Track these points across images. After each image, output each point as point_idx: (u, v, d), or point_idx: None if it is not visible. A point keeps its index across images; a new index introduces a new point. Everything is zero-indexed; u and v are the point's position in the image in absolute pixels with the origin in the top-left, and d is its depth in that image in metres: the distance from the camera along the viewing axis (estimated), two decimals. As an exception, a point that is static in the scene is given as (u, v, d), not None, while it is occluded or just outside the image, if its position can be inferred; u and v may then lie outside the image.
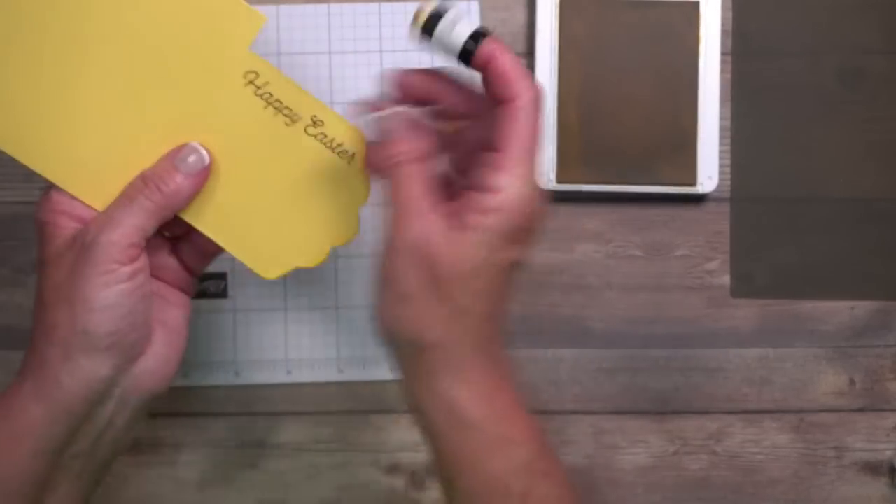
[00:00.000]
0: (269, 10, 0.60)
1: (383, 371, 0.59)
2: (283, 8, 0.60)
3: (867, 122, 0.60)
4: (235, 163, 0.44)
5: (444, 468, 0.41)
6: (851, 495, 0.61)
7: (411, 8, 0.59)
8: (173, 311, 0.46)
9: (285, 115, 0.44)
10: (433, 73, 0.43)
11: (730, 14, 0.60)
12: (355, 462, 0.60)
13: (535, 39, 0.59)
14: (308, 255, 0.46)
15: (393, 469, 0.60)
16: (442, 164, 0.42)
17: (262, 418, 0.60)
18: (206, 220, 0.45)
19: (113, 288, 0.41)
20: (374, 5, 0.60)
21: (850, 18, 0.61)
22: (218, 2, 0.43)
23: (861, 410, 0.61)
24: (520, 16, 0.60)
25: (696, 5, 0.59)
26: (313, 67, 0.60)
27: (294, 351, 0.59)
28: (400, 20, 0.60)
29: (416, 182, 0.40)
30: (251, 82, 0.44)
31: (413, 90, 0.42)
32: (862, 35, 0.61)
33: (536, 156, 0.39)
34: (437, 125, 0.42)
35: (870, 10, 0.60)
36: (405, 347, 0.41)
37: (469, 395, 0.40)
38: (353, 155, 0.45)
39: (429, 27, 0.41)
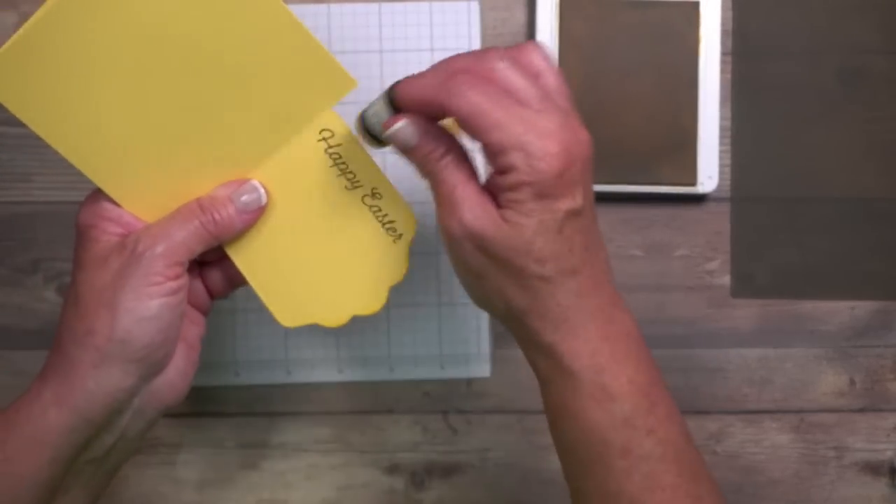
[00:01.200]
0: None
1: (383, 371, 0.59)
2: (283, 8, 0.60)
3: (867, 122, 0.60)
4: (288, 209, 0.45)
5: (550, 415, 0.42)
6: (851, 495, 0.61)
7: (412, 8, 0.59)
8: (193, 328, 0.46)
9: (348, 179, 0.45)
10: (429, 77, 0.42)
11: (730, 14, 0.60)
12: (355, 462, 0.60)
13: (535, 39, 0.59)
14: (331, 316, 0.47)
15: (393, 469, 0.60)
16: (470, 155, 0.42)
17: (262, 418, 0.60)
18: (244, 256, 0.45)
19: (157, 300, 0.41)
20: (374, 5, 0.60)
21: (850, 18, 0.61)
22: (315, 57, 0.43)
23: (861, 410, 0.61)
24: (520, 16, 0.60)
25: (696, 5, 0.59)
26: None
27: (294, 351, 0.59)
28: (400, 20, 0.60)
29: (452, 175, 0.40)
30: (325, 139, 0.45)
31: (415, 104, 0.42)
32: (862, 35, 0.61)
33: (522, 110, 0.38)
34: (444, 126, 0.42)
35: (870, 10, 0.60)
36: (504, 319, 0.42)
37: (569, 346, 0.40)
38: (401, 235, 0.46)
39: (365, 125, 0.43)
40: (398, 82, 0.41)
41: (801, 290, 0.61)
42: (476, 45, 0.60)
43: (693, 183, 0.59)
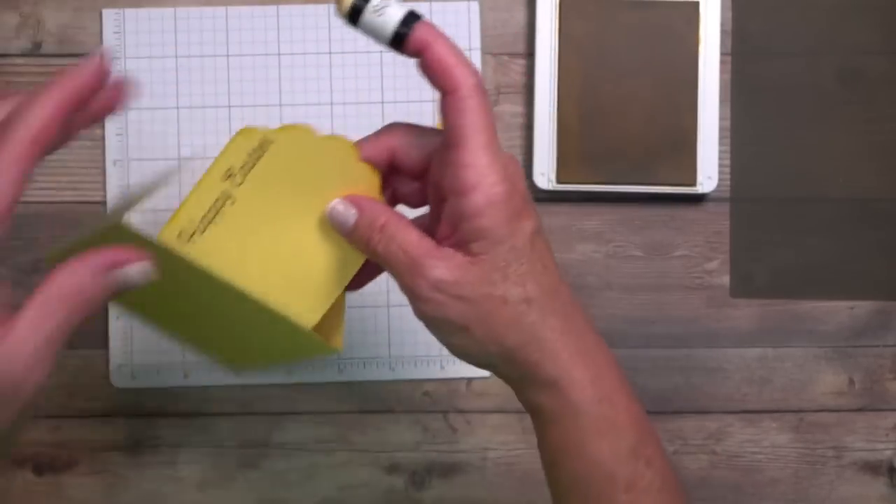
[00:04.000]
0: (269, 10, 0.60)
1: (383, 371, 0.60)
2: (283, 8, 0.60)
3: (867, 122, 0.60)
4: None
5: (550, 453, 0.41)
6: (851, 495, 0.61)
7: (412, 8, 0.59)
8: None
9: None
10: (385, 134, 0.42)
11: (730, 14, 0.60)
12: (355, 462, 0.60)
13: (535, 39, 0.59)
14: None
15: (393, 469, 0.60)
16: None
17: (262, 418, 0.60)
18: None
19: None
20: (375, 5, 0.60)
21: (850, 18, 0.61)
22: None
23: (860, 410, 0.61)
24: (520, 16, 0.60)
25: (696, 5, 0.59)
26: (313, 67, 0.60)
27: (294, 351, 0.60)
28: (400, 20, 0.60)
29: (400, 241, 0.39)
30: None
31: (372, 159, 0.42)
32: (862, 35, 0.61)
33: (494, 134, 0.38)
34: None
35: (870, 10, 0.60)
36: (502, 365, 0.40)
37: (571, 378, 0.39)
38: None
39: (354, 13, 0.38)
40: (418, 18, 0.38)
41: (801, 290, 0.61)
42: (476, 45, 0.60)
43: (693, 183, 0.59)
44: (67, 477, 0.60)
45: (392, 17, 0.38)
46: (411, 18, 0.38)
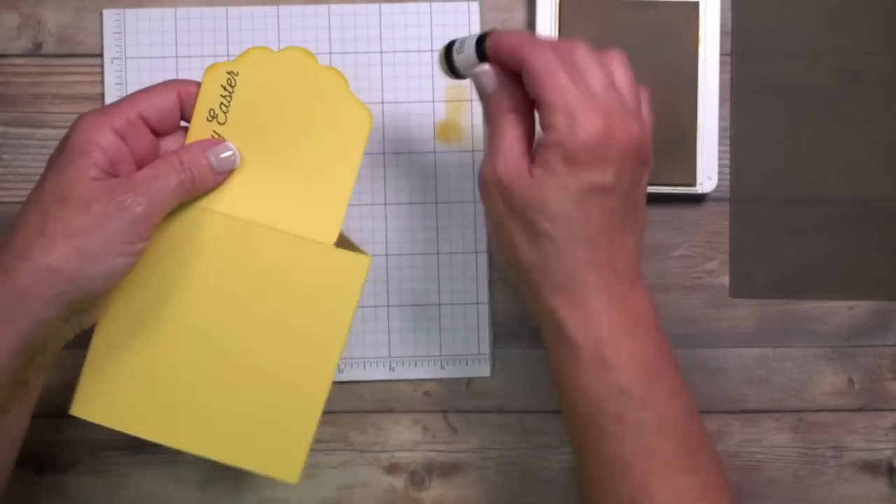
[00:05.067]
0: (270, 10, 0.60)
1: (383, 371, 0.60)
2: (283, 8, 0.60)
3: (867, 123, 0.60)
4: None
5: (553, 377, 0.45)
6: (850, 495, 0.61)
7: (412, 8, 0.60)
8: None
9: None
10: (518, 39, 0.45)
11: (730, 14, 0.60)
12: (355, 462, 0.60)
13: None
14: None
15: (393, 469, 0.61)
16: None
17: (263, 418, 0.60)
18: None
19: (126, 258, 0.42)
20: (374, 5, 0.60)
21: (850, 18, 0.61)
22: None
23: (860, 410, 0.61)
24: (520, 16, 0.61)
25: (696, 5, 0.59)
26: (313, 68, 0.60)
27: (294, 351, 0.60)
28: (400, 20, 0.60)
29: (507, 129, 0.44)
30: None
31: (500, 53, 0.45)
32: (862, 35, 0.61)
33: (586, 88, 0.42)
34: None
35: (870, 10, 0.60)
36: (512, 269, 0.45)
37: (569, 314, 0.43)
38: None
39: (448, 58, 0.47)
40: (491, 31, 0.45)
41: (800, 290, 0.61)
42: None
43: (692, 183, 0.59)
44: (68, 477, 0.60)
45: (466, 46, 0.46)
46: (483, 36, 0.45)
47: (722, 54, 0.59)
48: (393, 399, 0.60)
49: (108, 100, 0.59)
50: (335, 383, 0.60)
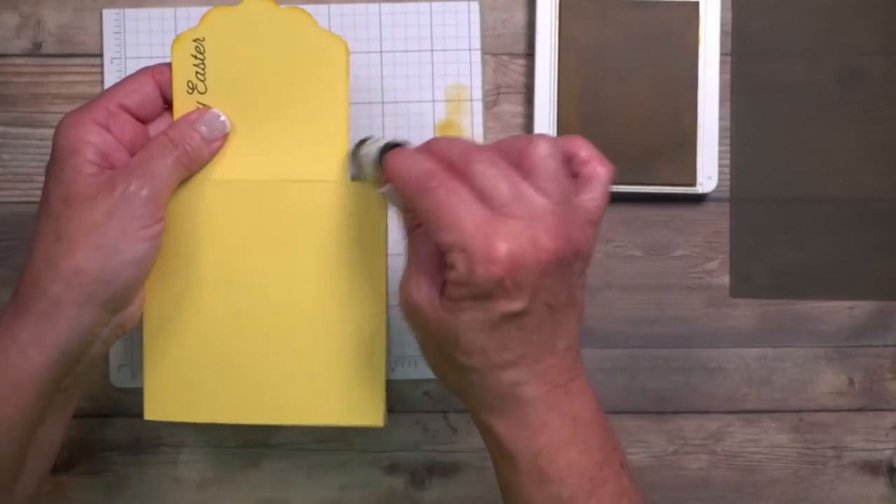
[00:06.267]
0: (270, 10, 0.60)
1: (383, 371, 0.60)
2: (284, 8, 0.60)
3: (867, 122, 0.60)
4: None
5: (499, 487, 0.43)
6: (850, 495, 0.61)
7: (412, 8, 0.59)
8: None
9: None
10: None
11: (730, 14, 0.60)
12: (355, 462, 0.60)
13: (535, 40, 0.59)
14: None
15: (393, 469, 0.60)
16: None
17: (263, 418, 0.60)
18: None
19: (146, 243, 0.42)
20: (374, 5, 0.60)
21: (850, 18, 0.61)
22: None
23: (860, 410, 0.61)
24: (520, 16, 0.60)
25: (696, 5, 0.59)
26: (313, 67, 0.60)
27: (294, 351, 0.60)
28: (400, 20, 0.60)
29: (419, 247, 0.41)
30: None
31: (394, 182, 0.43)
32: (862, 35, 0.61)
33: (483, 211, 0.38)
34: None
35: (870, 10, 0.60)
36: (447, 389, 0.43)
37: (504, 429, 0.41)
38: None
39: (357, 164, 0.45)
40: (394, 148, 0.41)
41: (800, 290, 0.61)
42: (476, 45, 0.60)
43: (692, 183, 0.59)
44: (67, 477, 0.60)
45: (371, 153, 0.43)
46: (384, 149, 0.42)
47: (722, 54, 0.59)
48: (393, 399, 0.60)
49: (108, 100, 0.59)
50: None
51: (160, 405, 0.46)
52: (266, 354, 0.45)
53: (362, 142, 0.45)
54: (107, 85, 0.59)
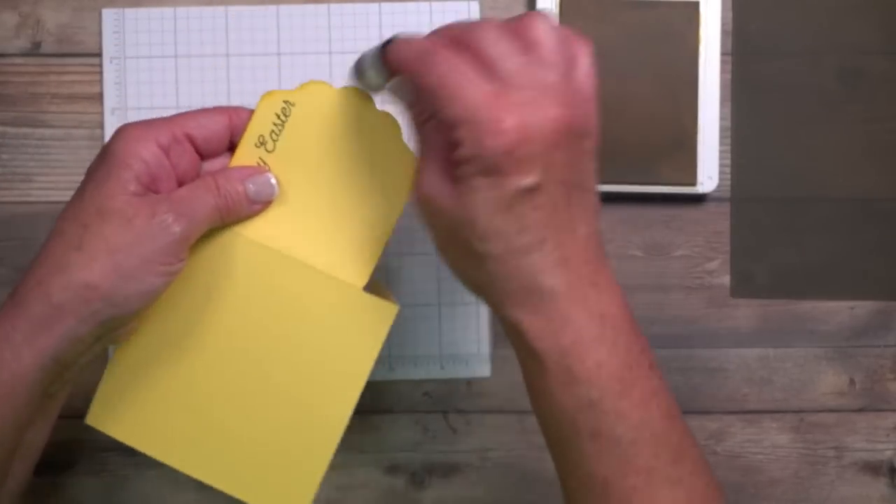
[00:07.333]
0: (270, 10, 0.60)
1: (383, 371, 0.59)
2: (283, 8, 0.60)
3: (867, 122, 0.60)
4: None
5: (527, 389, 0.42)
6: (851, 495, 0.61)
7: (412, 8, 0.59)
8: None
9: None
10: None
11: (730, 14, 0.60)
12: (355, 462, 0.60)
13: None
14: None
15: (393, 469, 0.60)
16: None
17: (262, 418, 0.60)
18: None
19: (162, 279, 0.42)
20: (375, 5, 0.60)
21: (850, 18, 0.61)
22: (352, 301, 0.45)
23: (861, 410, 0.61)
24: (520, 16, 0.60)
25: (696, 5, 0.59)
26: (313, 67, 0.60)
27: (294, 351, 0.59)
28: (400, 20, 0.60)
29: (429, 140, 0.40)
30: None
31: (397, 69, 0.42)
32: (862, 35, 0.61)
33: (489, 84, 0.37)
34: None
35: (870, 10, 0.60)
36: (466, 288, 0.42)
37: (531, 325, 0.39)
38: None
39: (361, 75, 0.43)
40: (393, 40, 0.40)
41: (801, 289, 0.61)
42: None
43: (693, 183, 0.59)
44: (67, 477, 0.60)
45: (374, 59, 0.42)
46: (383, 47, 0.41)
47: (722, 54, 0.59)
48: (393, 399, 0.60)
49: (108, 100, 0.59)
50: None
51: (107, 416, 0.45)
52: (222, 413, 0.45)
53: (361, 57, 0.43)
54: (106, 85, 0.59)
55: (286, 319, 0.45)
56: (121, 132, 0.43)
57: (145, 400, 0.45)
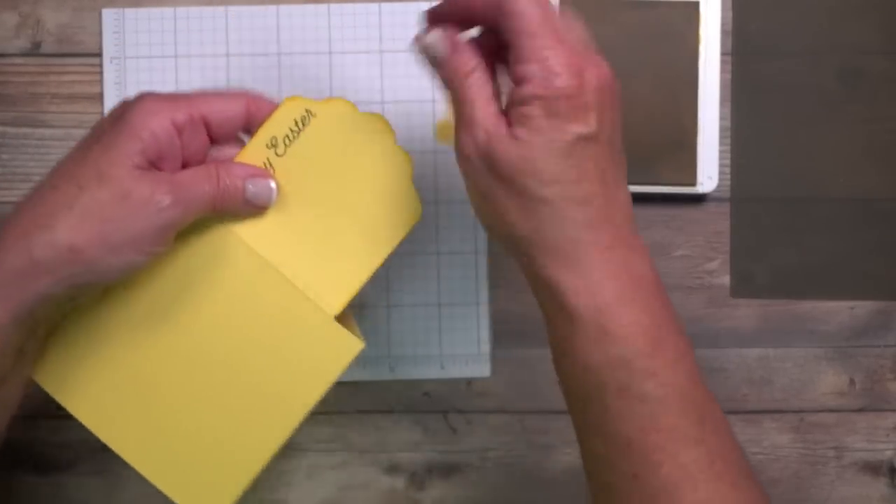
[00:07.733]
0: (270, 9, 0.60)
1: (383, 371, 0.60)
2: (283, 8, 0.60)
3: (867, 122, 0.60)
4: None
5: (552, 350, 0.42)
6: (851, 495, 0.61)
7: (412, 8, 0.59)
8: None
9: None
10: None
11: (730, 14, 0.60)
12: (355, 462, 0.60)
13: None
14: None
15: (393, 469, 0.60)
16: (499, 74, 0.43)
17: (263, 418, 0.60)
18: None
19: (144, 258, 0.42)
20: (375, 5, 0.60)
21: (850, 18, 0.61)
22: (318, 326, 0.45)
23: (861, 410, 0.61)
24: (520, 16, 0.60)
25: (696, 5, 0.59)
26: (313, 67, 0.60)
27: (294, 351, 0.59)
28: (400, 20, 0.60)
29: (474, 93, 0.41)
30: None
31: (446, 18, 0.43)
32: (862, 35, 0.61)
33: (553, 30, 0.39)
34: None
35: (870, 10, 0.60)
36: (504, 242, 0.42)
37: (569, 283, 0.40)
38: None
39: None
40: None
41: (801, 290, 0.61)
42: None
43: (693, 183, 0.59)
44: (68, 477, 0.60)
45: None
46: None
47: (722, 54, 0.59)
48: (393, 399, 0.60)
49: (108, 100, 0.59)
50: (335, 383, 0.60)
51: (54, 376, 0.44)
52: (167, 403, 0.45)
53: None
54: (106, 85, 0.59)
55: (252, 327, 0.45)
56: (140, 101, 0.42)
57: (94, 369, 0.44)
